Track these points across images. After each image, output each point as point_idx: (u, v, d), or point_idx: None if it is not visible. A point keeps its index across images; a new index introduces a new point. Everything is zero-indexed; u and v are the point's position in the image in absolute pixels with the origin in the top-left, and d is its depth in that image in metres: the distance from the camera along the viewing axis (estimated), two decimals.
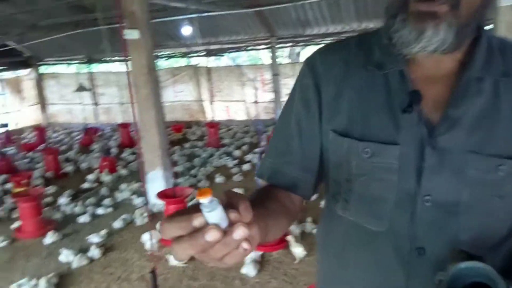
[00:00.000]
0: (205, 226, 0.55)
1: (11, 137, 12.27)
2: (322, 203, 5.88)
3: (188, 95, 13.05)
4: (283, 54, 12.42)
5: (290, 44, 11.12)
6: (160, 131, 6.00)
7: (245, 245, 0.57)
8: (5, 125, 11.42)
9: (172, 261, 4.65)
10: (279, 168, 1.03)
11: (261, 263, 4.54)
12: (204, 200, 0.54)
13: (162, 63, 13.42)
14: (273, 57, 11.19)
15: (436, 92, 0.90)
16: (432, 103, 0.89)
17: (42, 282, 4.27)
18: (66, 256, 4.93)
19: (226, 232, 0.56)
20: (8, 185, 7.74)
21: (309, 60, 1.03)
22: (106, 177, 7.89)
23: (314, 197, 1.11)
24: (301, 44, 11.97)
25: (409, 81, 0.90)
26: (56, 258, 5.00)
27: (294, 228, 5.14)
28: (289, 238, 4.64)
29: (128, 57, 5.71)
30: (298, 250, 4.55)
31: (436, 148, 0.87)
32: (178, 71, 13.16)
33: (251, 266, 4.35)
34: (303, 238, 4.92)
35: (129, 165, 8.81)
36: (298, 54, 16.14)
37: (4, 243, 5.43)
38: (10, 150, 11.05)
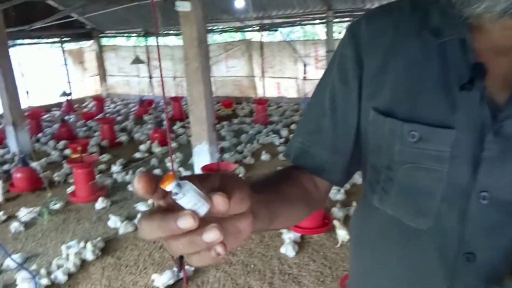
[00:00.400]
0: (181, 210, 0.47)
1: (72, 105, 12.97)
2: None
3: (239, 70, 12.99)
4: (340, 30, 11.87)
5: (348, 18, 10.56)
6: (208, 105, 5.99)
7: (218, 249, 0.48)
8: (68, 94, 12.06)
9: None
10: (307, 148, 0.92)
11: (300, 245, 4.45)
12: (169, 186, 0.46)
13: (216, 38, 13.41)
14: (329, 32, 10.71)
15: (504, 67, 0.72)
16: (498, 80, 0.71)
17: (89, 246, 4.47)
18: (114, 222, 5.15)
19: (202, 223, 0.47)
20: (67, 151, 8.20)
21: (352, 27, 0.89)
22: (157, 149, 8.11)
23: (361, 179, 0.96)
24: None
25: (472, 52, 0.73)
26: (104, 223, 5.23)
27: (337, 211, 4.98)
28: (335, 222, 4.50)
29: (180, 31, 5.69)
30: (342, 233, 4.40)
31: (500, 135, 0.70)
32: (231, 45, 13.09)
33: (290, 246, 4.27)
34: (346, 222, 4.74)
35: (178, 138, 8.98)
36: None
37: (59, 206, 5.76)
38: (71, 118, 11.69)
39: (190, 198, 0.46)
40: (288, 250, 4.27)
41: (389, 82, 0.81)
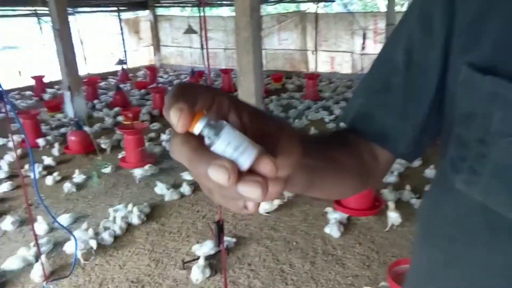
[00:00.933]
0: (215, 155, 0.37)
1: (127, 74, 13.29)
2: (427, 172, 5.27)
3: (291, 43, 12.62)
4: (403, 3, 11.12)
5: None
6: (257, 77, 5.83)
7: (250, 205, 0.41)
8: (124, 62, 12.34)
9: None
10: (369, 110, 0.75)
11: (346, 226, 4.26)
12: (196, 127, 0.37)
13: (269, 10, 13.07)
14: (391, 4, 10.03)
15: None
16: None
17: (136, 210, 4.55)
18: (160, 188, 5.22)
19: (240, 173, 0.36)
20: (120, 118, 8.42)
21: None
22: None
23: (417, 162, 0.77)
24: None
25: None
26: (151, 190, 5.32)
27: (388, 193, 4.71)
28: (390, 203, 4.25)
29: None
30: (393, 216, 4.17)
31: None
32: (285, 17, 12.71)
33: (335, 226, 4.10)
34: (398, 206, 4.47)
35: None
36: None
37: (110, 170, 5.92)
38: (126, 86, 11.99)
39: (226, 145, 0.36)
40: (333, 230, 4.10)
41: (491, 31, 0.60)
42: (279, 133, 0.41)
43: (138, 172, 5.62)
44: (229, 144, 0.35)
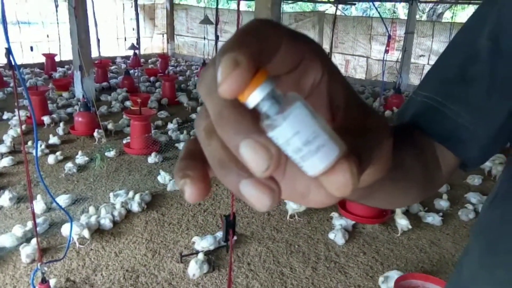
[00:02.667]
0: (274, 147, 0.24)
1: (139, 60, 13.18)
2: None
3: None
4: (423, 13, 10.92)
5: (435, 0, 9.63)
6: None
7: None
8: (136, 48, 12.20)
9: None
10: (437, 105, 0.60)
11: (351, 233, 4.12)
12: (254, 96, 0.23)
13: (287, 9, 12.93)
14: (412, 13, 9.84)
15: None
16: None
17: (137, 197, 4.44)
18: (163, 177, 5.10)
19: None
20: (127, 103, 8.32)
21: None
22: None
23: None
24: (447, 2, 10.34)
25: None
26: (154, 178, 5.21)
27: None
28: (398, 210, 4.13)
29: None
30: (403, 223, 4.04)
31: None
32: (302, 16, 12.55)
33: (339, 233, 3.97)
34: (405, 213, 4.34)
35: None
36: (439, 15, 14.10)
37: (113, 154, 5.81)
38: (136, 72, 11.88)
39: (293, 133, 0.23)
40: (337, 237, 3.97)
41: None
42: (373, 131, 0.29)
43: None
44: (298, 133, 0.23)
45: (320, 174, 0.24)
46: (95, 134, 6.26)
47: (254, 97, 0.23)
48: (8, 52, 2.10)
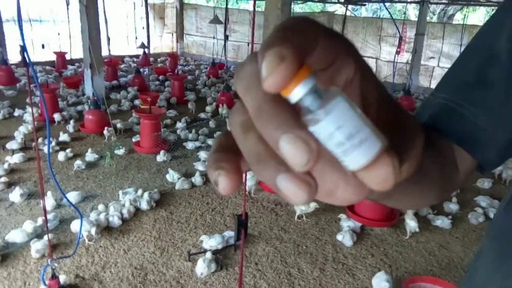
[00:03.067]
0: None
1: (148, 59, 13.24)
2: None
3: None
4: (433, 14, 10.83)
5: (446, 1, 9.54)
6: None
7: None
8: (146, 47, 12.26)
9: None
10: (456, 107, 0.60)
11: (359, 235, 4.11)
12: (297, 91, 0.24)
13: (296, 9, 12.89)
14: (422, 14, 9.77)
15: None
16: None
17: (146, 195, 4.47)
18: (172, 176, 5.12)
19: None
20: (137, 102, 8.36)
21: None
22: (223, 111, 8.02)
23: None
24: (458, 3, 10.23)
25: None
26: (163, 176, 5.23)
27: None
28: (408, 211, 4.11)
29: None
30: (412, 224, 4.03)
31: None
32: (312, 17, 12.49)
33: (348, 234, 3.95)
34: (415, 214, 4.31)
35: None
36: (450, 16, 13.97)
37: (123, 152, 5.85)
38: (145, 70, 11.94)
39: (336, 127, 0.23)
40: (345, 238, 3.95)
41: None
42: (406, 129, 0.30)
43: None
44: (341, 127, 0.23)
45: (362, 168, 0.24)
46: (105, 132, 6.30)
47: (298, 92, 0.23)
48: (23, 49, 2.13)
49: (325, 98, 0.24)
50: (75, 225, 3.83)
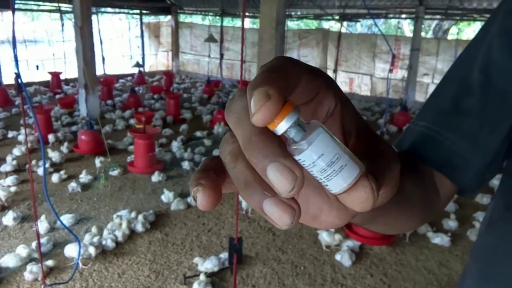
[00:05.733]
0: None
1: (143, 77, 13.30)
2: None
3: (311, 61, 12.54)
4: (428, 28, 10.97)
5: (439, 17, 9.68)
6: None
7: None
8: (141, 65, 12.35)
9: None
10: (434, 134, 0.65)
11: (358, 255, 4.05)
12: (282, 125, 0.27)
13: (291, 25, 13.04)
14: (417, 30, 9.86)
15: None
16: None
17: (140, 217, 4.40)
18: (167, 197, 5.06)
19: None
20: (132, 121, 8.34)
21: None
22: (220, 129, 8.00)
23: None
24: (453, 18, 10.37)
25: None
26: (158, 197, 5.17)
27: None
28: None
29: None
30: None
31: None
32: (307, 34, 12.65)
33: (346, 254, 3.90)
34: (414, 239, 4.28)
35: None
36: (445, 31, 14.12)
37: (117, 173, 5.79)
38: (140, 89, 11.98)
39: (318, 156, 0.27)
40: (344, 258, 3.89)
41: None
42: (383, 156, 0.33)
43: None
44: (323, 156, 0.27)
45: (344, 191, 0.28)
46: (97, 162, 5.93)
47: (283, 125, 0.27)
48: (17, 76, 2.11)
49: (307, 130, 0.27)
50: (68, 249, 3.75)
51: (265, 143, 0.27)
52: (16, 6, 9.62)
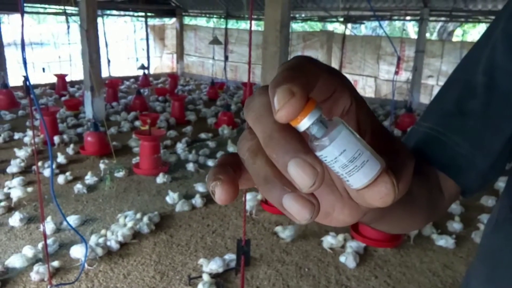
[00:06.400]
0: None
1: (148, 79, 13.36)
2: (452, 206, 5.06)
3: None
4: (433, 30, 10.95)
5: (444, 18, 9.67)
6: None
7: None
8: (146, 68, 12.41)
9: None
10: (438, 135, 0.66)
11: (362, 256, 4.05)
12: (304, 122, 0.27)
13: (296, 27, 13.06)
14: (422, 32, 9.84)
15: None
16: None
17: (145, 219, 4.43)
18: (172, 198, 5.09)
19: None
20: (137, 123, 8.38)
21: None
22: (224, 131, 8.03)
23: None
24: (458, 20, 10.34)
25: None
26: (163, 198, 5.19)
27: None
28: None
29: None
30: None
31: None
32: (311, 36, 12.66)
33: (351, 256, 3.90)
34: (418, 241, 4.27)
35: (244, 124, 8.82)
36: (450, 33, 14.07)
37: (122, 174, 5.83)
38: (146, 91, 12.03)
39: (340, 152, 0.27)
40: (348, 260, 3.90)
41: None
42: (398, 153, 0.34)
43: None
44: (344, 152, 0.27)
45: (365, 186, 0.28)
46: (101, 165, 6.01)
47: (306, 122, 0.27)
48: (26, 79, 2.14)
49: (329, 127, 0.27)
50: (74, 250, 3.78)
51: (286, 139, 0.28)
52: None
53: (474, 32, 16.81)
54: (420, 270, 3.92)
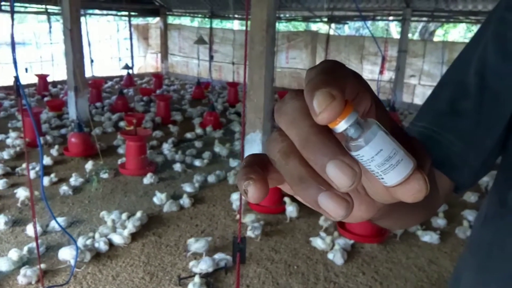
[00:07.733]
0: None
1: (132, 79, 13.23)
2: None
3: (299, 63, 12.62)
4: (415, 30, 11.13)
5: (426, 19, 9.85)
6: (267, 92, 5.75)
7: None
8: (130, 67, 12.26)
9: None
10: (432, 134, 0.69)
11: (350, 253, 4.11)
12: (342, 123, 0.29)
13: (280, 27, 13.11)
14: (404, 32, 10.01)
15: None
16: None
17: (133, 219, 4.40)
18: (159, 199, 5.07)
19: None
20: (122, 123, 8.30)
21: None
22: (208, 131, 8.02)
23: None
24: (439, 20, 10.53)
25: None
26: (150, 199, 5.17)
27: None
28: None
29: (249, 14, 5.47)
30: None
31: None
32: (295, 36, 12.74)
33: (338, 253, 3.96)
34: (404, 237, 4.36)
35: (229, 124, 8.81)
36: (431, 33, 14.33)
37: (108, 175, 5.77)
38: (130, 91, 11.91)
39: (376, 152, 0.29)
40: (336, 257, 3.95)
41: None
42: (418, 152, 0.34)
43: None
44: (380, 152, 0.28)
45: (398, 183, 0.29)
46: (89, 165, 5.96)
47: (343, 124, 0.28)
48: (17, 80, 2.12)
49: (364, 128, 0.29)
50: (62, 253, 3.74)
51: (323, 142, 0.29)
52: (2, 7, 9.52)
53: (455, 32, 17.17)
54: (406, 266, 4.00)
